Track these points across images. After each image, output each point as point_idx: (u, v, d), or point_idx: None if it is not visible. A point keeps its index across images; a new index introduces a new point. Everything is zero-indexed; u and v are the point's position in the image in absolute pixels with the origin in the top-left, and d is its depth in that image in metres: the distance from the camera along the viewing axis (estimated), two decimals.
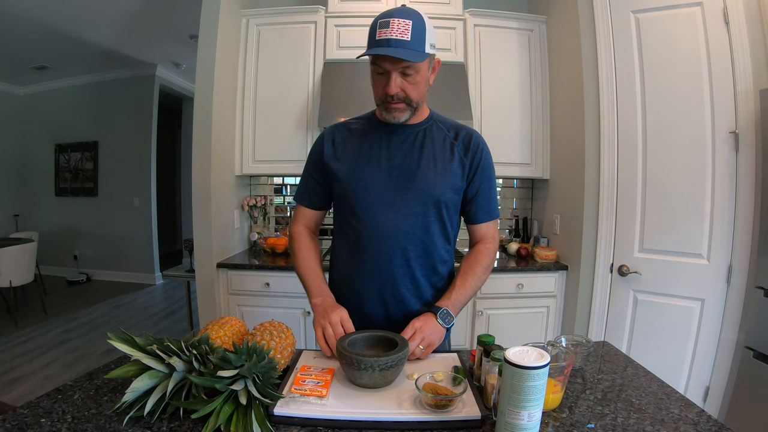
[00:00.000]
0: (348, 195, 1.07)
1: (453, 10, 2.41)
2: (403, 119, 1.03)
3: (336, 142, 1.12)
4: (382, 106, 1.03)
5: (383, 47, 0.92)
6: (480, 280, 1.10)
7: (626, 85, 1.95)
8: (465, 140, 1.10)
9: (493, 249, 1.14)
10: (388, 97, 0.98)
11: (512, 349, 0.68)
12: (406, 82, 0.97)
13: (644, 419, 0.75)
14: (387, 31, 0.92)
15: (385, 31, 0.92)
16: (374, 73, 1.00)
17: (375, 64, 0.97)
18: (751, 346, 1.68)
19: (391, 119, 1.03)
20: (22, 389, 2.58)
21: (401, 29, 0.92)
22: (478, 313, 2.23)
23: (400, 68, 0.95)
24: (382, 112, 1.04)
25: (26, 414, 0.72)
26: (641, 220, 1.95)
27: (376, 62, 0.96)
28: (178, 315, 4.15)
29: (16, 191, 5.54)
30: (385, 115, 1.04)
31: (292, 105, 2.40)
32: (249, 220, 2.73)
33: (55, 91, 5.34)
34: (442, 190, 1.05)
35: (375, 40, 0.94)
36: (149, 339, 0.77)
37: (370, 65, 1.00)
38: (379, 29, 0.93)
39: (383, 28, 0.92)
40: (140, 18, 3.56)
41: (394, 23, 0.92)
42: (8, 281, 3.63)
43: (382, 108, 1.03)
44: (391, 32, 0.91)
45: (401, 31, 0.91)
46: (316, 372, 0.84)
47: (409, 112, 1.02)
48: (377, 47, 0.93)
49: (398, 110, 1.01)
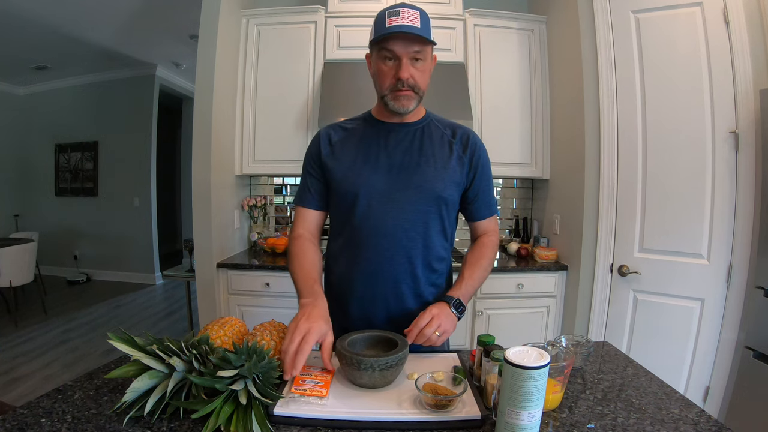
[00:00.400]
0: (347, 194, 1.06)
1: (453, 10, 2.41)
2: (410, 108, 1.03)
3: (333, 141, 1.12)
4: (390, 95, 1.02)
5: (396, 30, 0.94)
6: (486, 272, 1.12)
7: (626, 85, 1.95)
8: (463, 138, 1.11)
9: (495, 241, 1.17)
10: (399, 83, 0.99)
11: (512, 349, 0.68)
12: (415, 69, 0.99)
13: (644, 419, 0.75)
14: (398, 18, 0.95)
15: (395, 18, 0.95)
16: (382, 62, 1.00)
17: (385, 49, 0.97)
18: (751, 346, 1.68)
19: (399, 108, 1.02)
20: (22, 389, 2.58)
21: (411, 17, 0.95)
22: (478, 313, 2.23)
23: (411, 53, 0.97)
24: (389, 102, 1.03)
25: (26, 414, 0.72)
26: (641, 220, 1.95)
27: (387, 47, 0.97)
28: (178, 315, 4.15)
29: (16, 191, 5.54)
30: (392, 105, 1.03)
31: (292, 105, 2.40)
32: (249, 220, 2.73)
33: (55, 91, 5.34)
34: (443, 187, 1.05)
35: (385, 27, 0.95)
36: (149, 339, 0.77)
37: (375, 56, 1.01)
38: (389, 17, 0.95)
39: (393, 16, 0.95)
40: (140, 18, 3.56)
41: (404, 12, 0.95)
42: (8, 281, 3.62)
43: (390, 97, 1.02)
44: (402, 19, 0.94)
45: (411, 19, 0.95)
46: (316, 372, 0.84)
47: (415, 101, 1.03)
48: (389, 30, 0.95)
49: (407, 97, 1.01)
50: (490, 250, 1.14)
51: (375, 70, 1.03)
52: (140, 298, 4.67)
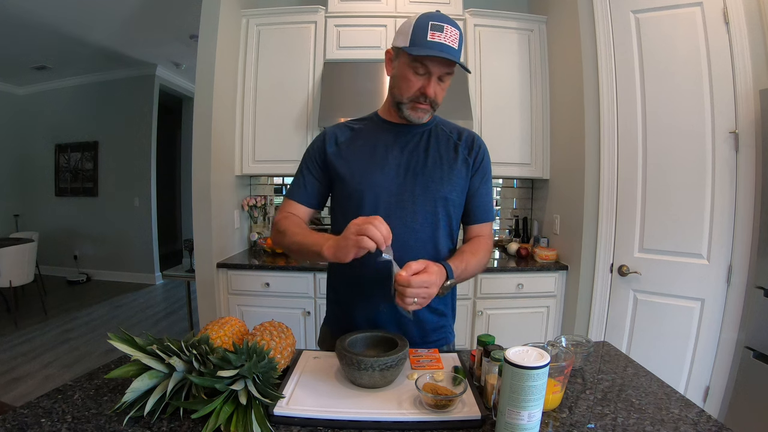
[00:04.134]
0: (354, 195, 1.05)
1: (453, 10, 2.41)
2: (424, 120, 1.05)
3: (339, 141, 1.11)
4: (408, 105, 1.02)
5: (440, 51, 0.93)
6: (478, 268, 1.07)
7: (626, 85, 1.95)
8: (468, 141, 1.11)
9: (490, 245, 1.12)
10: (422, 98, 0.99)
11: (512, 349, 0.68)
12: (439, 87, 1.00)
13: (644, 419, 0.75)
14: (441, 35, 0.93)
15: (439, 35, 0.93)
16: (411, 72, 0.98)
17: (419, 63, 0.96)
18: (751, 346, 1.68)
19: (414, 119, 1.03)
20: (22, 389, 2.58)
21: (453, 37, 0.94)
22: (478, 313, 2.23)
23: (443, 73, 0.97)
24: (405, 110, 1.03)
25: (26, 414, 0.72)
26: (641, 220, 1.95)
27: (423, 62, 0.96)
28: (178, 315, 4.15)
29: (16, 191, 5.54)
30: (408, 115, 1.03)
31: (292, 105, 2.40)
32: (249, 220, 2.73)
33: (55, 91, 5.34)
34: (450, 189, 1.05)
35: (427, 41, 0.93)
36: (149, 339, 0.77)
37: (406, 63, 0.98)
38: (432, 31, 0.93)
39: (437, 31, 0.93)
40: (140, 18, 3.56)
41: (447, 30, 0.94)
42: (8, 281, 3.63)
43: (407, 107, 1.02)
44: (446, 38, 0.93)
45: (452, 39, 0.94)
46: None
47: (430, 114, 1.05)
48: (433, 49, 0.93)
49: (424, 111, 1.02)
50: (484, 250, 1.09)
51: (399, 74, 1.01)
52: (140, 298, 4.67)
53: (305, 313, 2.19)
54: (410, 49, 0.94)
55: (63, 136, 5.37)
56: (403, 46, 0.96)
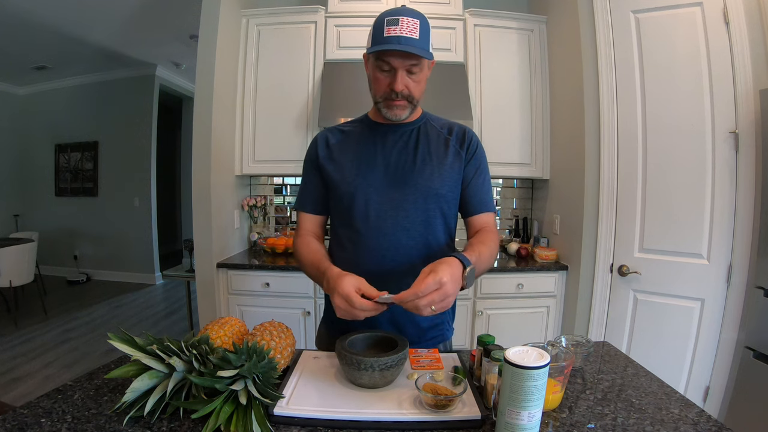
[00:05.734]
0: (345, 196, 1.06)
1: (453, 10, 2.41)
2: (403, 117, 1.04)
3: (330, 144, 1.12)
4: (382, 104, 1.02)
5: (394, 44, 0.92)
6: (491, 260, 1.04)
7: (626, 85, 1.95)
8: (459, 134, 1.11)
9: (496, 236, 1.09)
10: (393, 94, 0.99)
11: (512, 349, 0.68)
12: (411, 80, 0.99)
13: (644, 419, 0.75)
14: (396, 28, 0.93)
15: (394, 28, 0.93)
16: (377, 71, 0.99)
17: (381, 60, 0.97)
18: (751, 346, 1.68)
19: (392, 117, 1.03)
20: (22, 389, 2.57)
21: (410, 27, 0.93)
22: (478, 313, 2.23)
23: (407, 66, 0.96)
24: (381, 109, 1.04)
25: (26, 414, 0.72)
26: (641, 220, 1.95)
27: (384, 59, 0.96)
28: (178, 315, 4.15)
29: (16, 191, 5.54)
30: (385, 113, 1.03)
31: (292, 105, 2.40)
32: (249, 220, 2.73)
33: (55, 91, 5.34)
34: (440, 184, 1.05)
35: (383, 37, 0.94)
36: (149, 339, 0.77)
37: (371, 63, 1.00)
38: (388, 26, 0.94)
39: (392, 26, 0.93)
40: (140, 18, 3.55)
41: (403, 21, 0.93)
42: (8, 281, 3.63)
43: (382, 105, 1.03)
44: (401, 30, 0.93)
45: (410, 30, 0.93)
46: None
47: (409, 110, 1.03)
48: (387, 44, 0.93)
49: (399, 107, 1.01)
50: (492, 240, 1.05)
51: (370, 75, 1.03)
52: (140, 298, 4.67)
53: (305, 313, 2.19)
54: (370, 49, 0.97)
55: (63, 136, 5.37)
56: (368, 47, 0.99)
